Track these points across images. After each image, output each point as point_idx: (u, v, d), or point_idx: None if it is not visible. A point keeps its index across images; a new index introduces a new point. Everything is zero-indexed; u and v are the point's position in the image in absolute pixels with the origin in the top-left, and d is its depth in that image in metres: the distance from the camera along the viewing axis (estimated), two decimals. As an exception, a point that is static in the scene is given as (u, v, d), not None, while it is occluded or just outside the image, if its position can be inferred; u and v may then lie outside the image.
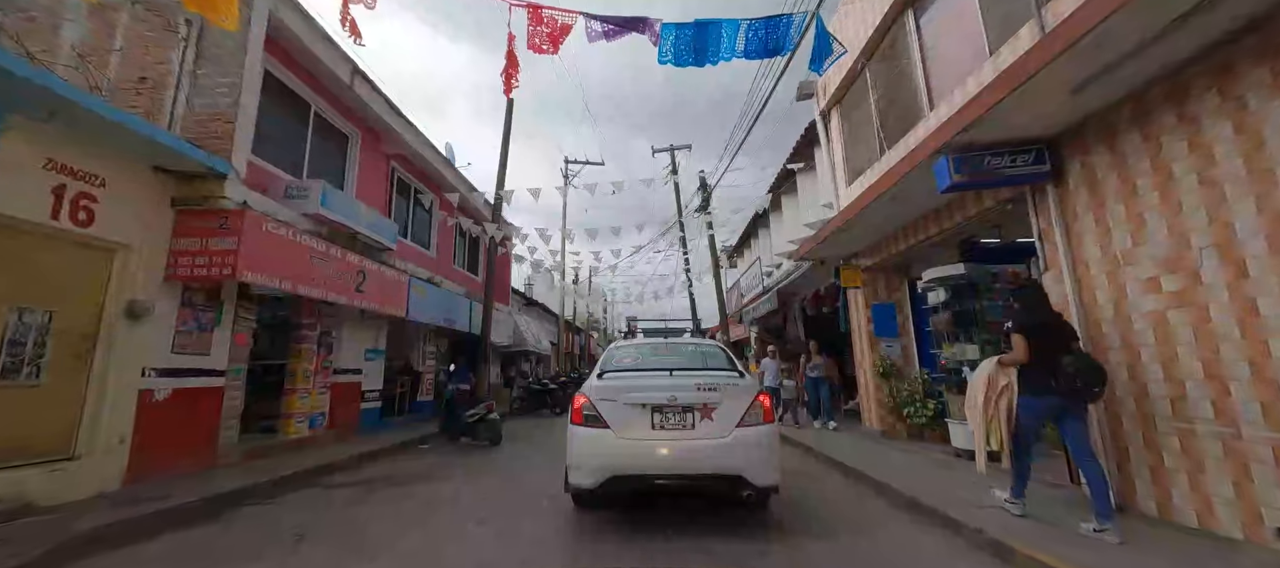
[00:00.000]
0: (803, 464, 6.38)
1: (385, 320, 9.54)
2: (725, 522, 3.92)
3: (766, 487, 3.60)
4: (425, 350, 11.41)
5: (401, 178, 10.69)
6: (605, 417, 3.69)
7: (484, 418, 8.21)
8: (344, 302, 7.29)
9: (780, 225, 13.36)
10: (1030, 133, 3.97)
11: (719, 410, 3.62)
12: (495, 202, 11.89)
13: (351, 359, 8.69)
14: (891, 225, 6.59)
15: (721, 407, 3.62)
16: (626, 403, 3.70)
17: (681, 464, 3.57)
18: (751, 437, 3.58)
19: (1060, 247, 3.96)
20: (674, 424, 3.63)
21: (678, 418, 3.64)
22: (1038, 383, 3.42)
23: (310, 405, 7.67)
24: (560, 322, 21.96)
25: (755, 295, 13.83)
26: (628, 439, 3.62)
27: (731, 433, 3.57)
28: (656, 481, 3.60)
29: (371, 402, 9.17)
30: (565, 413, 11.18)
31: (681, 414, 3.64)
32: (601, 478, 3.59)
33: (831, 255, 8.10)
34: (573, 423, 3.85)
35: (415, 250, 10.77)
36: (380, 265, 8.37)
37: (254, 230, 5.66)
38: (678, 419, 3.64)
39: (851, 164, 8.17)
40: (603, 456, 3.64)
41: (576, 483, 3.73)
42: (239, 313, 6.29)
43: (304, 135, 7.75)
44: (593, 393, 3.84)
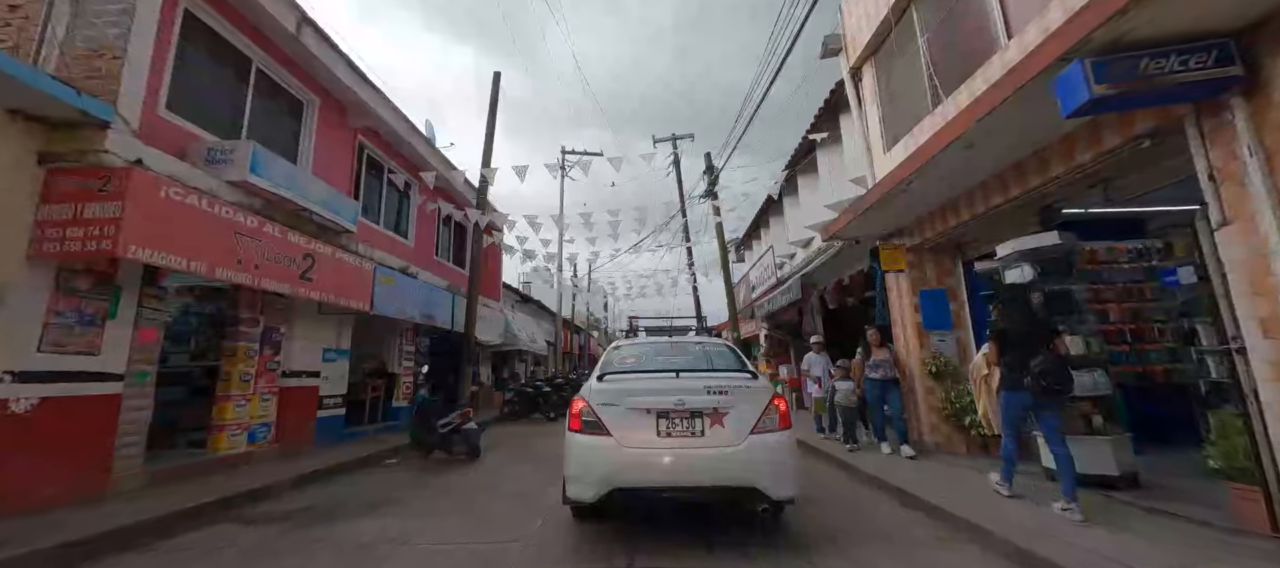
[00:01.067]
0: (872, 503, 4.62)
1: (350, 315, 8.33)
2: None
3: (783, 500, 3.31)
4: (402, 350, 10.20)
5: (372, 156, 9.47)
6: (606, 423, 3.35)
7: (458, 428, 6.99)
8: (285, 291, 6.07)
9: (796, 211, 12.10)
10: (1206, 25, 2.73)
11: (730, 416, 3.30)
12: (480, 185, 10.67)
13: (306, 360, 7.47)
14: (947, 193, 5.35)
15: (733, 412, 3.30)
16: (629, 408, 3.37)
17: (690, 475, 3.23)
18: (767, 445, 3.25)
19: (1257, 181, 2.70)
20: (681, 431, 3.30)
21: (685, 424, 3.31)
22: (1013, 381, 3.89)
23: (250, 415, 6.45)
24: (557, 319, 20.75)
25: (768, 288, 12.58)
26: (631, 448, 3.28)
27: (745, 441, 3.25)
28: (662, 493, 3.32)
29: (332, 409, 7.95)
30: (560, 418, 8.89)
31: (689, 420, 3.31)
32: (602, 491, 3.24)
33: (867, 234, 6.85)
34: (571, 430, 3.51)
35: (387, 237, 9.56)
36: (337, 250, 7.15)
37: (147, 195, 4.44)
38: (685, 425, 3.30)
39: (890, 127, 6.92)
40: (604, 466, 3.29)
41: (575, 496, 3.40)
42: (145, 303, 5.07)
43: (243, 96, 6.53)
44: (592, 397, 3.50)
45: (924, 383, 6.14)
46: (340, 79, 7.74)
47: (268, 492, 5.28)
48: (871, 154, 7.32)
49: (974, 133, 3.78)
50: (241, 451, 6.27)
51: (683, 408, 3.31)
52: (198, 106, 5.76)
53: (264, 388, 6.69)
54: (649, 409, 3.34)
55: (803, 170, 11.04)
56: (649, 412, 3.34)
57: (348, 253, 7.45)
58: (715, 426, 3.28)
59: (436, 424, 7.12)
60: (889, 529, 3.85)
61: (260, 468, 6.03)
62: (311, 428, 7.48)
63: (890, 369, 6.15)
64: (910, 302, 6.37)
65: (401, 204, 10.76)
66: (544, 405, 12.08)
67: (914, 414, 6.35)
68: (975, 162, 4.52)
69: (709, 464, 3.22)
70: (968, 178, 4.98)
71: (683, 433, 3.29)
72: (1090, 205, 4.78)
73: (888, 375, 6.13)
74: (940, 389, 6.03)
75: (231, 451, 6.14)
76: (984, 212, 5.12)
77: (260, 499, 5.00)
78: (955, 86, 5.39)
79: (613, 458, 3.27)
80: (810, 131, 9.04)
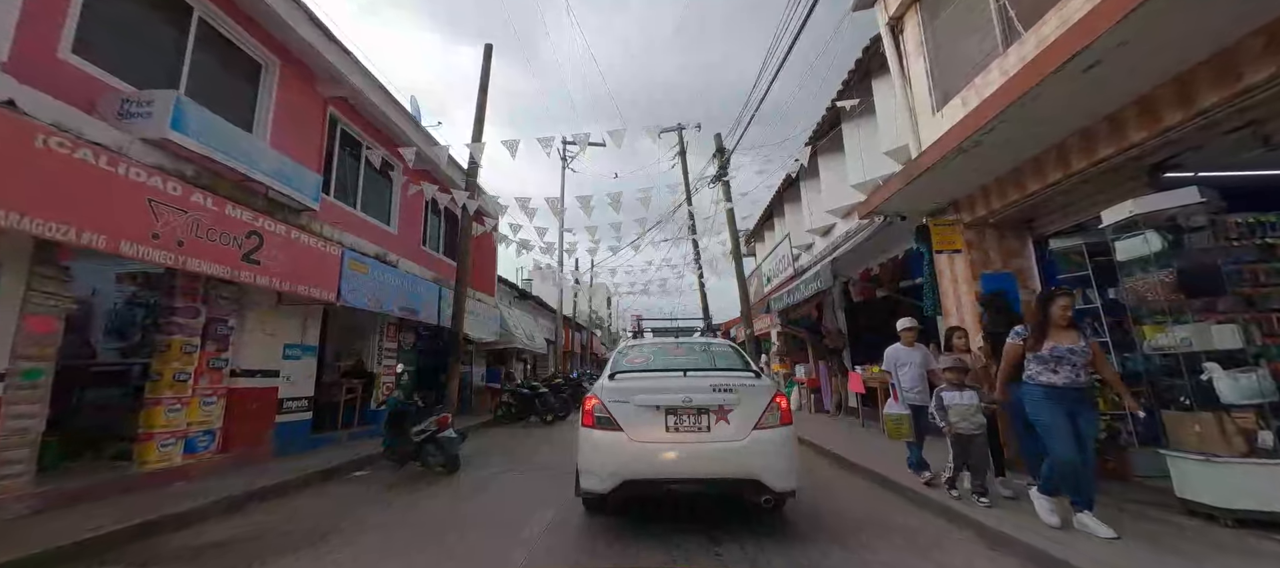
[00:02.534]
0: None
1: (319, 307, 7.37)
2: None
3: (784, 492, 3.43)
4: (382, 347, 9.24)
5: (346, 131, 8.52)
6: (617, 419, 3.49)
7: (434, 436, 6.00)
8: (220, 274, 5.10)
9: (815, 196, 11.06)
10: None
11: (735, 413, 3.47)
12: (469, 166, 9.70)
13: (263, 357, 6.51)
14: (1029, 149, 4.30)
15: (737, 409, 3.47)
16: (639, 405, 3.51)
17: (697, 468, 3.41)
18: (769, 439, 3.42)
19: None
20: (688, 427, 3.46)
21: (692, 420, 3.47)
22: None
23: (187, 422, 5.50)
24: (558, 317, 19.77)
25: (784, 281, 11.54)
26: (641, 442, 3.43)
27: (748, 436, 3.42)
28: (670, 485, 3.47)
29: (296, 413, 6.99)
30: (558, 421, 8.88)
31: (696, 416, 3.47)
32: (614, 483, 3.39)
33: (914, 209, 5.80)
34: (583, 425, 3.62)
35: (362, 221, 8.60)
36: (292, 229, 6.17)
37: (14, 143, 3.47)
38: (692, 421, 3.46)
39: (940, 83, 5.87)
40: (615, 459, 3.44)
41: (588, 488, 3.55)
42: (35, 285, 4.11)
43: (181, 48, 5.58)
44: (604, 394, 3.61)
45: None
46: (303, 38, 6.78)
47: (192, 517, 4.32)
48: (915, 119, 6.27)
49: (1112, 39, 2.72)
50: (176, 463, 5.32)
51: (690, 405, 3.44)
52: (116, 55, 4.80)
53: (206, 389, 5.74)
54: (658, 406, 3.46)
55: (824, 150, 9.98)
56: (658, 409, 3.46)
57: (309, 234, 6.48)
58: (720, 421, 3.42)
59: (411, 431, 6.15)
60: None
61: (198, 485, 5.07)
62: (269, 435, 6.52)
63: (1083, 368, 3.26)
64: (970, 290, 5.31)
65: (383, 188, 9.81)
66: (541, 408, 11.09)
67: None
68: (1081, 100, 3.46)
69: (714, 458, 3.36)
70: (1058, 127, 3.93)
71: (690, 429, 3.43)
72: (1218, 163, 3.73)
73: (1076, 380, 3.25)
74: (1010, 393, 4.97)
75: (163, 464, 5.19)
76: (1070, 174, 4.07)
77: (169, 529, 4.02)
78: (1037, 17, 4.33)
79: (624, 452, 3.39)
80: (838, 98, 7.98)
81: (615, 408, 3.49)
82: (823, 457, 6.65)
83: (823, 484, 5.23)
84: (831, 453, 6.50)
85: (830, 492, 4.95)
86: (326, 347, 9.22)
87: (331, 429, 8.01)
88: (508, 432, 10.10)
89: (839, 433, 7.58)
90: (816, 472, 5.79)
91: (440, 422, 6.07)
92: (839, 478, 5.59)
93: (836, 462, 6.19)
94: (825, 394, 11.11)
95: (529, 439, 8.90)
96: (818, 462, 6.47)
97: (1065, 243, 5.03)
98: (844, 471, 5.88)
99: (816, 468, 6.02)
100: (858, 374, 8.39)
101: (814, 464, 6.22)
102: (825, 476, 5.69)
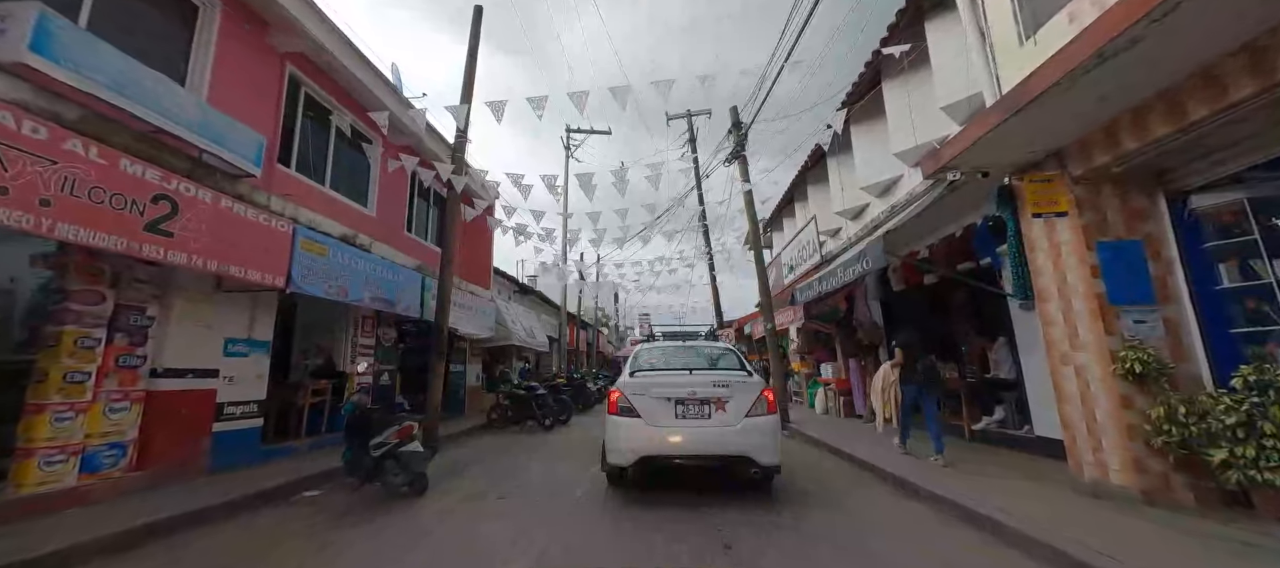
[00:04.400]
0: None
1: (273, 295, 6.29)
2: None
3: (770, 466, 4.24)
4: (357, 343, 8.15)
5: (312, 95, 7.43)
6: (637, 408, 4.37)
7: (394, 451, 4.87)
8: (110, 246, 3.98)
9: (846, 174, 9.79)
10: None
11: (731, 403, 4.29)
12: (456, 140, 8.58)
13: (196, 354, 5.43)
14: (1195, 56, 3.05)
15: (733, 400, 4.30)
16: (654, 397, 4.39)
17: (700, 447, 4.26)
18: (758, 425, 4.26)
19: None
20: (693, 415, 4.31)
21: (697, 409, 4.31)
22: (908, 377, 5.82)
23: (87, 433, 4.42)
24: (562, 313, 18.63)
25: (810, 269, 10.28)
26: (655, 426, 4.31)
27: (741, 421, 4.25)
28: (676, 460, 4.32)
29: (241, 420, 5.90)
30: (557, 426, 8.98)
31: (700, 406, 4.31)
32: (633, 459, 4.30)
33: (999, 163, 4.54)
34: (609, 413, 4.52)
35: (327, 198, 7.51)
36: (224, 198, 5.06)
37: None
38: (697, 410, 4.31)
39: (1030, 2, 4.59)
40: (635, 440, 4.32)
41: (613, 463, 4.46)
42: None
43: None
44: (626, 388, 4.51)
45: (1114, 391, 3.81)
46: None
47: (47, 564, 3.24)
48: (992, 55, 5.00)
49: None
50: (68, 485, 4.24)
51: (695, 397, 4.34)
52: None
53: (115, 393, 4.66)
54: (669, 398, 4.38)
55: (859, 118, 8.72)
56: (669, 400, 4.37)
57: (248, 206, 5.38)
58: (719, 410, 4.30)
59: (371, 444, 5.04)
60: None
61: (94, 513, 4.00)
62: (202, 448, 5.43)
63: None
64: (1083, 262, 4.04)
65: (361, 166, 8.73)
66: (540, 412, 9.94)
67: (1084, 438, 4.02)
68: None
69: (714, 439, 4.25)
70: (1257, 14, 2.67)
71: (695, 416, 4.32)
72: None
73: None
74: (1143, 400, 3.71)
75: (48, 486, 4.11)
76: (1250, 94, 2.82)
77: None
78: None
79: (642, 434, 4.32)
80: (884, 45, 6.71)
81: (635, 399, 4.39)
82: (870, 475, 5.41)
83: (902, 527, 4.02)
84: (882, 471, 5.26)
85: (915, 533, 3.73)
86: (293, 342, 8.20)
87: (293, 438, 6.93)
88: (500, 439, 8.97)
89: (882, 445, 6.33)
90: (871, 494, 4.58)
91: (401, 433, 4.94)
92: (908, 512, 4.36)
93: (899, 487, 4.96)
94: (857, 396, 9.84)
95: (521, 449, 7.75)
96: (877, 488, 5.23)
97: (1216, 199, 3.76)
98: (906, 496, 4.65)
99: (873, 492, 4.80)
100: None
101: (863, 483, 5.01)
102: (889, 510, 4.46)
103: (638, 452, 4.26)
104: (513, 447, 8.01)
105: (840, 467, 6.05)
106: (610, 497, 4.76)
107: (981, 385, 6.40)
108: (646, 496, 4.69)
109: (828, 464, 6.21)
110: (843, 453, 6.28)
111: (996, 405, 6.24)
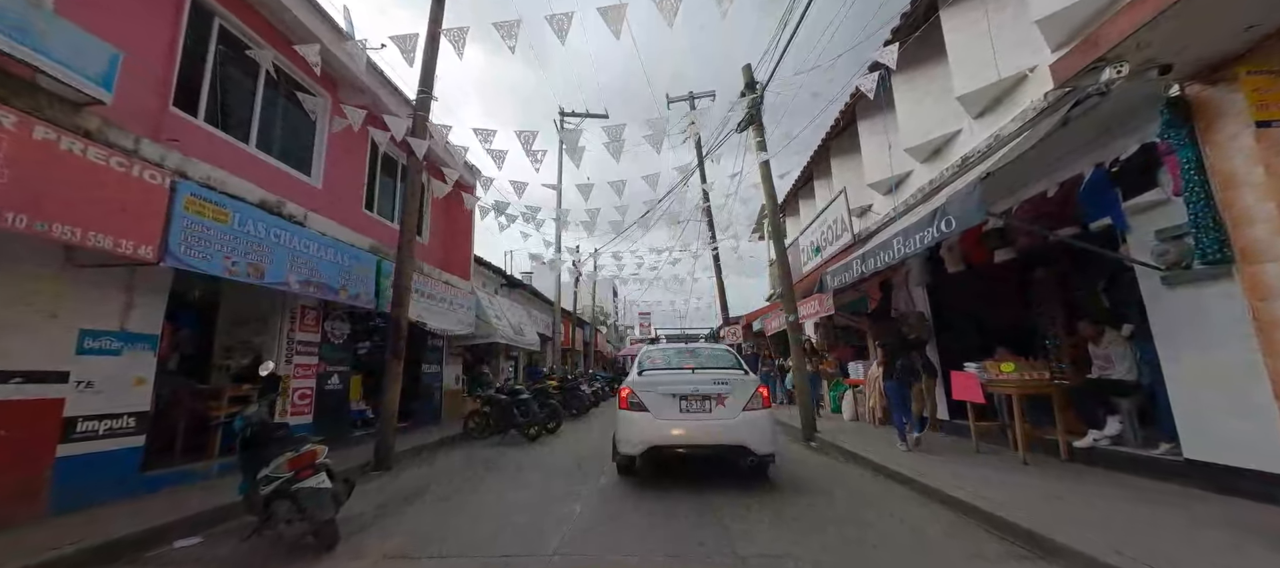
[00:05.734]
0: None
1: (165, 274, 4.82)
2: None
3: (765, 455, 4.70)
4: (294, 340, 6.67)
5: (227, 27, 5.96)
6: (645, 403, 4.81)
7: (287, 488, 3.39)
8: None
9: (878, 141, 8.31)
10: None
11: (729, 399, 4.75)
12: (420, 95, 7.08)
13: (28, 352, 3.94)
14: None
15: (731, 396, 4.76)
16: (660, 393, 4.84)
17: (702, 437, 4.70)
18: (754, 418, 4.71)
19: None
20: (696, 409, 4.76)
21: (699, 404, 4.77)
22: (888, 374, 6.38)
23: None
24: (556, 309, 17.14)
25: (841, 251, 8.78)
26: (662, 420, 4.75)
27: (739, 415, 4.70)
28: (680, 450, 4.75)
29: (104, 440, 4.40)
30: (543, 436, 8.46)
31: (702, 401, 4.77)
32: (642, 449, 4.72)
33: (1190, 47, 3.03)
34: (620, 408, 4.97)
35: (252, 159, 6.06)
36: (48, 131, 3.57)
37: None
38: (699, 405, 4.77)
39: None
40: (644, 432, 4.75)
41: (624, 452, 4.88)
42: None
43: None
44: (636, 386, 4.96)
45: None
46: None
47: None
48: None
49: None
50: None
51: (697, 393, 4.79)
52: None
53: None
54: (674, 394, 4.82)
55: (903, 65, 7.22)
56: (674, 396, 4.81)
57: (100, 147, 3.89)
58: (719, 405, 4.75)
59: (258, 478, 3.58)
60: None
61: None
62: (42, 479, 3.95)
63: None
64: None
65: (303, 126, 7.25)
66: (523, 419, 8.47)
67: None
68: None
69: (715, 430, 4.69)
70: None
71: (697, 410, 4.76)
72: None
73: None
74: None
75: None
76: None
77: None
78: None
79: (650, 426, 4.74)
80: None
81: (644, 395, 4.87)
82: (978, 523, 3.91)
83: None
84: (993, 517, 3.75)
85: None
86: (215, 338, 6.72)
87: (199, 459, 5.45)
88: (475, 452, 7.48)
89: (964, 467, 4.82)
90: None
91: (298, 463, 3.45)
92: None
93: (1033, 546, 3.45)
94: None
95: (495, 468, 6.27)
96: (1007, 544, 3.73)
97: None
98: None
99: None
100: (972, 374, 5.66)
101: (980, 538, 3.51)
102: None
103: (647, 442, 4.71)
104: (486, 465, 6.52)
105: (922, 506, 4.55)
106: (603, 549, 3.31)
107: (1088, 390, 4.89)
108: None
109: (899, 500, 4.72)
110: (915, 483, 4.77)
111: (1110, 416, 4.74)
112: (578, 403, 11.89)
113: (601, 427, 9.86)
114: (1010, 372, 5.24)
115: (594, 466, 6.16)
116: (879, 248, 6.21)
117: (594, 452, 7.27)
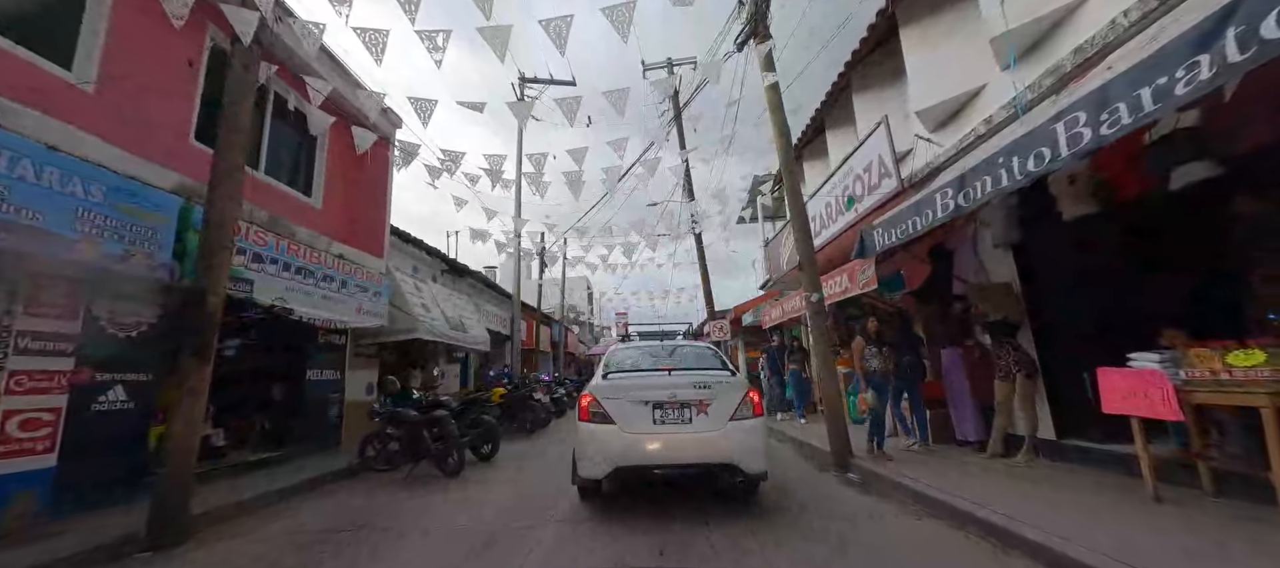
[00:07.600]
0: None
1: None
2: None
3: (756, 474, 3.85)
4: (9, 331, 3.94)
5: None
6: (611, 413, 3.89)
7: None
8: None
9: (927, 58, 6.02)
10: None
11: (713, 406, 3.87)
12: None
13: None
14: None
15: (715, 402, 3.88)
16: (630, 400, 3.92)
17: (680, 455, 3.81)
18: (743, 429, 3.84)
19: None
20: (673, 419, 3.86)
21: (676, 413, 3.86)
22: (885, 373, 5.88)
23: None
24: (515, 302, 14.44)
25: (887, 199, 6.36)
26: (632, 433, 3.82)
27: (724, 426, 3.83)
28: (656, 470, 3.86)
29: None
30: (468, 467, 6.32)
31: (680, 410, 3.87)
32: (608, 469, 3.77)
33: None
34: (580, 420, 4.03)
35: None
36: None
37: None
38: (676, 414, 3.86)
39: None
40: (609, 449, 3.80)
41: (585, 474, 3.92)
42: None
43: None
44: (599, 392, 4.04)
45: None
46: None
47: None
48: None
49: None
50: None
51: (675, 400, 3.88)
52: None
53: None
54: (646, 401, 3.89)
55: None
56: (646, 403, 3.89)
57: None
58: (701, 414, 3.86)
59: None
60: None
61: None
62: None
63: None
64: None
65: None
66: (440, 447, 5.86)
67: None
68: None
69: (696, 445, 3.81)
70: None
71: (674, 420, 3.86)
72: None
73: None
74: None
75: None
76: None
77: None
78: None
79: (617, 442, 3.81)
80: None
81: (609, 404, 3.93)
82: None
83: None
84: None
85: None
86: None
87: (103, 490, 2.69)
88: (345, 505, 4.82)
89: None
90: None
91: None
92: None
93: None
94: (962, 411, 6.03)
95: (361, 542, 3.65)
96: None
97: None
98: None
99: None
100: (1149, 371, 3.37)
101: None
102: None
103: (613, 461, 3.79)
104: (358, 526, 3.92)
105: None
106: None
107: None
108: None
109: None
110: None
111: None
112: (530, 416, 9.29)
113: (560, 449, 7.29)
114: (1253, 365, 2.93)
115: (538, 512, 3.96)
116: (973, 173, 3.88)
117: (540, 490, 4.84)
